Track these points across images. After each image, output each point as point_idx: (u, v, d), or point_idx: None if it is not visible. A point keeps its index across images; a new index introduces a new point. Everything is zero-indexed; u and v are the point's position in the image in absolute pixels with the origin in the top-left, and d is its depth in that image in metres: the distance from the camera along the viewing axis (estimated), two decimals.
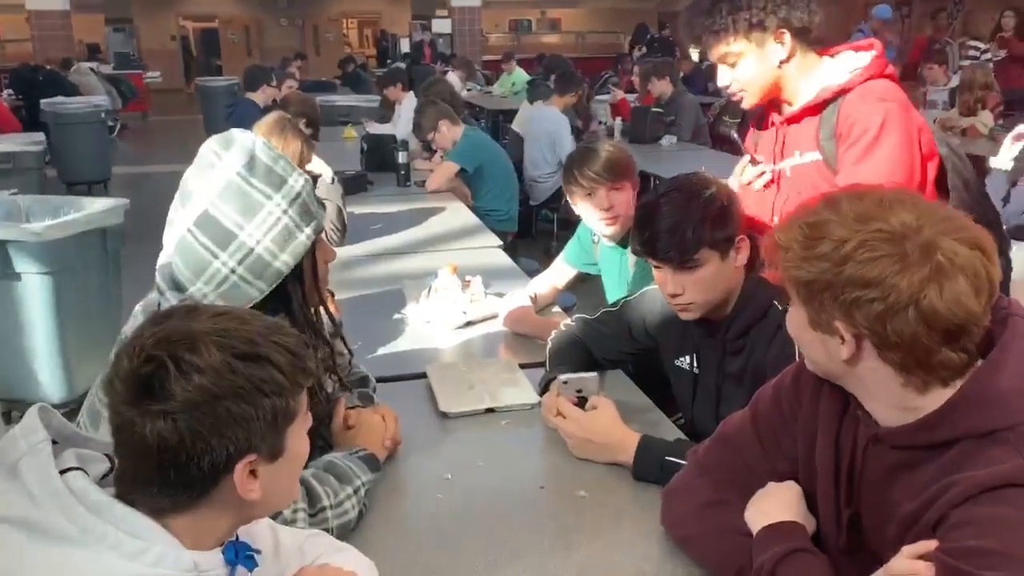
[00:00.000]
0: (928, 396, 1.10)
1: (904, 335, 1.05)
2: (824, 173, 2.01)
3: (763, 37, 1.99)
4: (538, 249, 6.33)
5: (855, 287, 1.07)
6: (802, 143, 2.05)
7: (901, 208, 1.09)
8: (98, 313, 3.75)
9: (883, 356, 1.09)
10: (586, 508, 1.55)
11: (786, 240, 1.14)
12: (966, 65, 8.46)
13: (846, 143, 1.96)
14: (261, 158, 1.41)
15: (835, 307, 1.09)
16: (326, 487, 1.42)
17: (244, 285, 1.38)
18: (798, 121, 2.06)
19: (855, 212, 1.10)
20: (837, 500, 1.26)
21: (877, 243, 1.06)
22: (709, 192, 1.78)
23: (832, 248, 1.09)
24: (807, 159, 2.04)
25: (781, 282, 1.19)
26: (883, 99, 1.96)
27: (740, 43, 2.00)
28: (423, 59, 14.02)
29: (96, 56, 16.14)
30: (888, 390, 1.13)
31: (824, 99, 2.00)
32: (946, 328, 1.05)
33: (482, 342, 2.45)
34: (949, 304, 1.03)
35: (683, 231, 1.73)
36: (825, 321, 1.12)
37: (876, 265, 1.05)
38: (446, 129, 4.76)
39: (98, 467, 0.99)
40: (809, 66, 2.07)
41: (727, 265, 1.78)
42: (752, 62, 2.02)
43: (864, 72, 1.98)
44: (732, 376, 1.87)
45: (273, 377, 0.95)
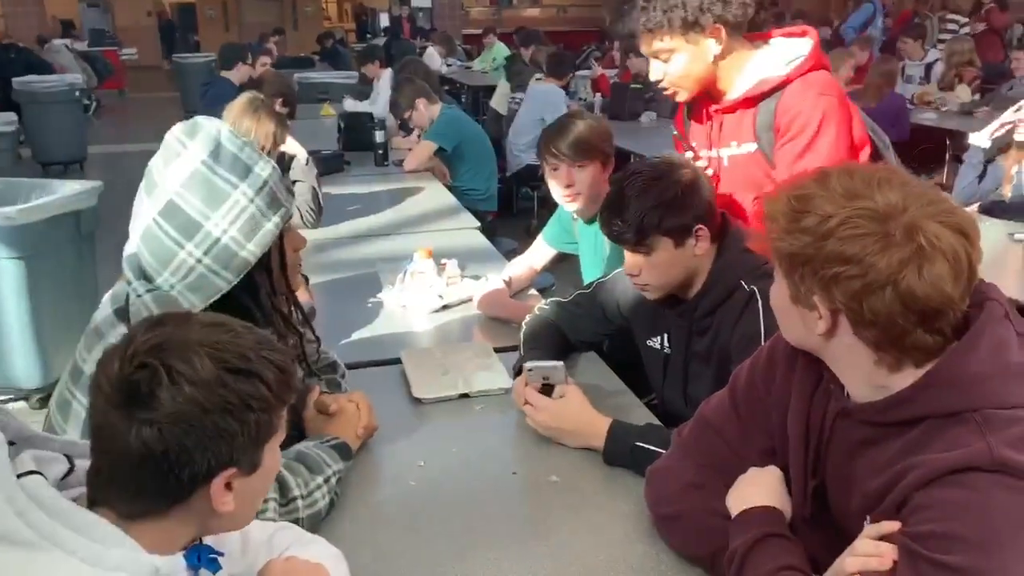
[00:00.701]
0: (899, 375, 1.11)
1: (879, 314, 1.06)
2: (761, 163, 2.03)
3: (698, 35, 1.98)
4: (519, 228, 6.32)
5: (835, 263, 1.07)
6: (739, 134, 2.06)
7: (888, 188, 1.09)
8: (73, 297, 3.71)
9: (858, 333, 1.10)
10: (558, 493, 1.56)
11: (772, 211, 1.14)
12: (946, 39, 8.48)
13: (786, 136, 1.97)
14: (227, 146, 1.39)
15: (814, 281, 1.10)
16: (297, 477, 1.41)
17: (211, 276, 1.37)
18: (733, 111, 2.07)
19: (843, 188, 1.10)
20: (805, 470, 1.28)
21: (861, 220, 1.06)
22: (671, 178, 1.78)
23: (817, 222, 1.09)
24: (744, 150, 2.06)
25: (767, 253, 1.19)
26: (822, 93, 1.98)
27: (675, 40, 2.00)
28: (403, 34, 13.88)
29: (70, 33, 15.88)
30: (861, 367, 1.14)
31: (762, 92, 2.01)
32: (922, 310, 1.05)
33: (458, 326, 2.45)
34: (927, 287, 1.04)
35: (637, 216, 1.75)
36: (804, 295, 1.13)
37: (857, 242, 1.06)
38: (423, 107, 4.72)
39: (57, 468, 0.98)
40: (743, 57, 2.07)
41: (683, 252, 1.79)
42: (685, 58, 2.03)
43: (803, 64, 1.99)
44: (699, 355, 1.89)
45: (261, 393, 0.95)
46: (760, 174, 2.04)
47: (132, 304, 1.35)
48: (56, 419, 1.39)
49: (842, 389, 1.21)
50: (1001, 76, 7.18)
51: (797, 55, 2.03)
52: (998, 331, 1.10)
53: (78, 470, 1.00)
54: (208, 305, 1.37)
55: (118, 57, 15.37)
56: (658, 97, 6.65)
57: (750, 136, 2.04)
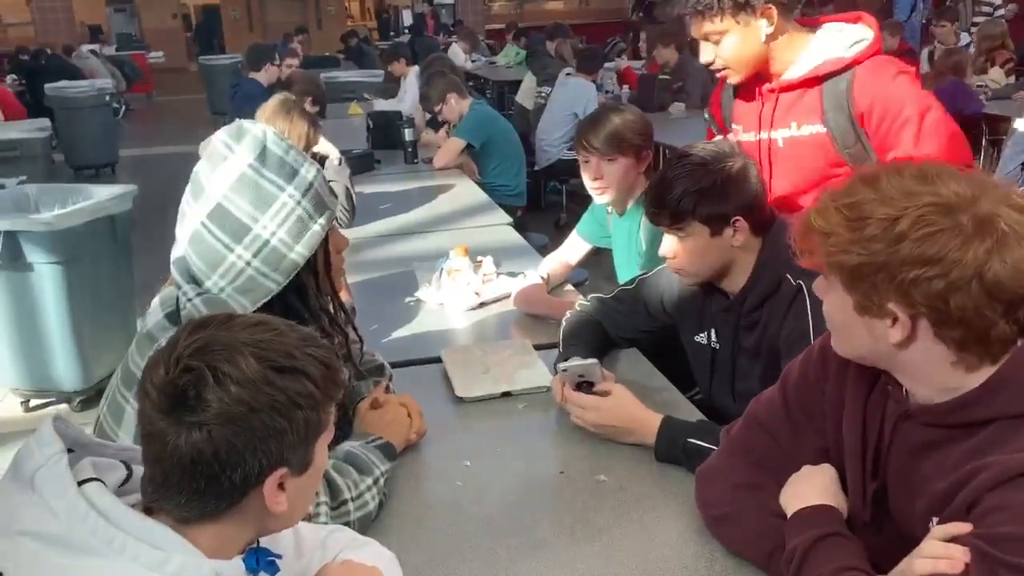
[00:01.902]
0: (976, 375, 1.08)
1: (967, 310, 1.03)
2: (826, 146, 2.00)
3: (749, 16, 1.96)
4: (547, 222, 6.31)
5: (914, 265, 1.03)
6: (801, 114, 2.02)
7: (948, 178, 1.06)
8: (110, 300, 3.76)
9: (940, 334, 1.06)
10: (607, 493, 1.54)
11: (827, 225, 1.10)
12: (980, 22, 8.34)
13: (887, 121, 1.94)
14: (273, 149, 1.39)
15: (890, 288, 1.06)
16: (347, 479, 1.41)
17: (260, 278, 1.37)
18: (793, 91, 2.03)
19: (899, 188, 1.07)
20: (863, 474, 1.25)
21: (933, 216, 1.03)
22: (716, 166, 1.77)
23: (882, 228, 1.05)
24: (806, 131, 2.02)
25: (818, 268, 1.16)
26: (901, 71, 1.96)
27: (726, 22, 1.98)
28: (426, 31, 13.89)
29: (98, 37, 16.09)
30: (937, 370, 1.10)
31: (828, 72, 1.97)
32: (1009, 299, 1.03)
33: (495, 323, 2.44)
34: (1013, 273, 1.01)
35: (675, 199, 1.77)
36: (877, 304, 1.09)
37: (936, 241, 1.02)
38: (454, 102, 4.73)
39: (115, 475, 0.99)
40: (797, 38, 2.04)
41: (719, 241, 1.78)
42: (737, 39, 2.00)
43: (869, 48, 1.97)
44: (747, 350, 1.87)
45: (308, 390, 0.95)
46: (822, 158, 2.00)
47: (183, 308, 1.36)
48: (108, 423, 1.39)
49: (901, 389, 1.18)
50: None
51: (860, 38, 2.00)
52: None
53: (135, 476, 1.01)
54: (257, 308, 1.37)
55: (145, 60, 15.53)
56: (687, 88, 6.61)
57: (816, 117, 2.00)
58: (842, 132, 1.97)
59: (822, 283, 1.19)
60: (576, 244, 2.78)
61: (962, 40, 7.58)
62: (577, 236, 2.79)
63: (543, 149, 6.27)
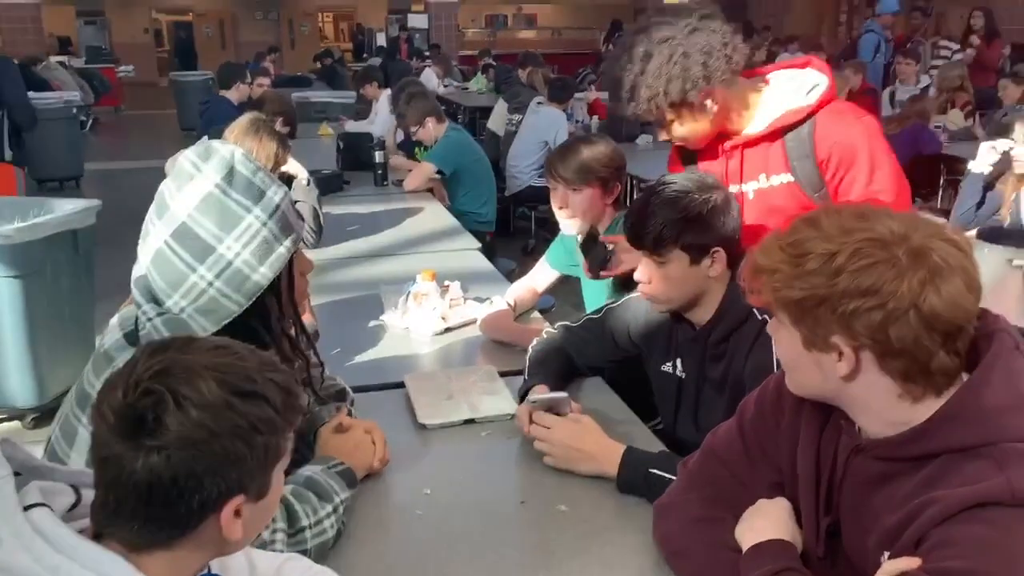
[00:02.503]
0: (920, 407, 1.11)
1: (907, 340, 1.05)
2: (796, 194, 2.02)
3: (691, 107, 1.97)
4: (516, 248, 6.32)
5: (853, 297, 1.06)
6: (768, 166, 2.05)
7: (883, 216, 1.10)
8: (70, 316, 3.69)
9: (884, 366, 1.09)
10: (568, 523, 1.53)
11: (769, 263, 1.13)
12: (939, 64, 8.55)
13: (842, 169, 1.97)
14: (241, 170, 1.38)
15: (832, 321, 1.09)
16: (305, 505, 1.39)
17: (222, 299, 1.35)
18: (756, 145, 2.06)
19: (837, 226, 1.10)
20: (817, 508, 1.26)
21: (869, 250, 1.06)
22: (700, 196, 1.78)
23: (822, 262, 1.08)
24: (775, 182, 2.05)
25: (767, 306, 1.18)
26: (859, 116, 2.00)
27: (669, 115, 2.00)
28: (399, 54, 13.94)
29: (67, 50, 15.92)
30: (883, 403, 1.12)
31: (790, 123, 2.00)
32: (946, 329, 1.05)
33: (461, 348, 2.43)
34: (948, 304, 1.04)
35: (658, 225, 1.77)
36: (822, 338, 1.11)
37: (872, 272, 1.05)
38: (432, 126, 4.74)
39: (63, 500, 0.96)
40: (751, 96, 2.07)
41: (697, 271, 1.79)
42: (687, 123, 2.02)
43: (827, 93, 2.00)
44: (713, 381, 1.88)
45: (268, 416, 0.94)
46: (794, 204, 2.02)
47: (143, 328, 1.34)
48: (60, 446, 1.36)
49: (853, 425, 1.20)
50: (994, 102, 7.23)
51: (815, 84, 2.03)
52: (1011, 363, 1.10)
53: (85, 501, 0.98)
54: (218, 329, 1.35)
55: (115, 74, 15.39)
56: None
57: (782, 167, 2.03)
58: (810, 178, 2.01)
59: (773, 323, 1.22)
60: (544, 271, 2.79)
61: (922, 82, 7.75)
62: (545, 263, 2.79)
63: (513, 176, 6.30)
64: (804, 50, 10.73)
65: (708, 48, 1.91)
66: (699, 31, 1.92)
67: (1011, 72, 7.38)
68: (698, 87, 1.91)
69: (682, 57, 1.90)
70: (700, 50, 1.90)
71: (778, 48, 11.74)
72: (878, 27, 9.18)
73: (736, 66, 1.96)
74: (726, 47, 1.93)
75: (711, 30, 1.93)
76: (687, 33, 1.92)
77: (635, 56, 1.94)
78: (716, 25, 1.95)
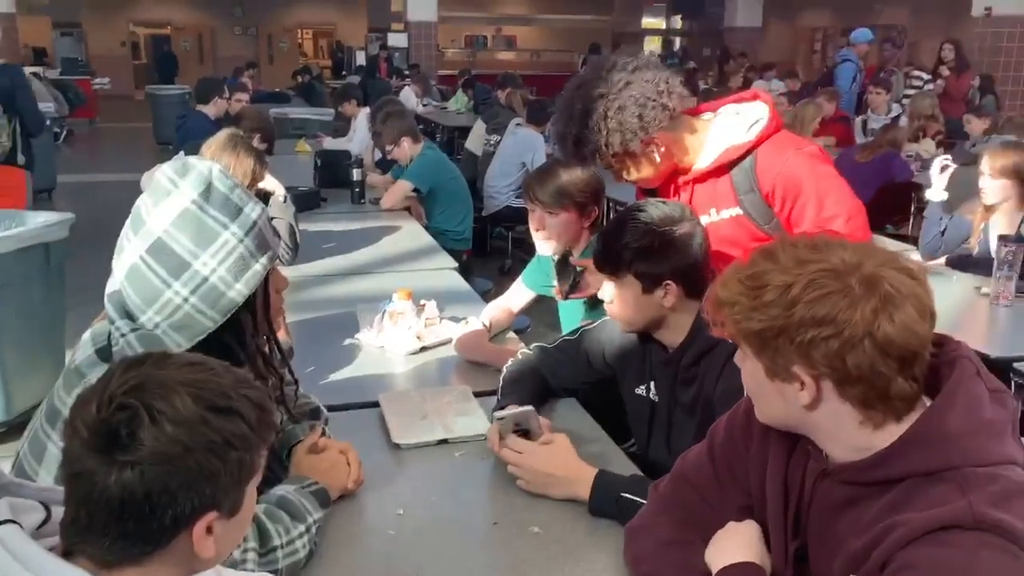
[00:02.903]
0: (882, 433, 1.12)
1: (863, 368, 1.07)
2: (746, 225, 2.07)
3: (633, 156, 2.03)
4: (492, 267, 6.33)
5: (809, 327, 1.08)
6: (717, 200, 2.10)
7: (837, 247, 1.13)
8: (40, 331, 3.64)
9: (843, 394, 1.11)
10: (540, 545, 1.53)
11: (729, 296, 1.16)
12: (912, 94, 8.70)
13: (789, 201, 2.02)
14: (218, 187, 1.38)
15: (791, 351, 1.11)
16: (278, 525, 1.38)
17: (197, 315, 1.35)
18: (704, 181, 2.10)
19: (792, 258, 1.13)
20: (785, 532, 1.27)
21: (823, 280, 1.09)
22: (661, 228, 1.81)
23: (778, 294, 1.11)
24: (724, 215, 2.10)
25: (730, 338, 1.20)
26: (799, 148, 2.05)
27: (615, 164, 2.06)
28: (379, 73, 13.96)
29: (42, 61, 15.78)
30: (846, 430, 1.14)
31: (731, 159, 2.05)
32: (901, 356, 1.07)
33: (437, 367, 2.43)
34: (902, 331, 1.06)
35: (615, 247, 1.83)
36: (783, 367, 1.13)
37: (826, 302, 1.08)
38: (407, 145, 4.75)
39: (33, 516, 0.95)
40: (698, 133, 2.12)
41: (650, 299, 1.82)
42: (633, 168, 2.08)
43: (767, 128, 2.05)
44: (684, 405, 1.89)
45: (243, 432, 0.94)
46: (744, 235, 2.07)
47: (116, 343, 1.33)
48: (28, 462, 1.34)
49: (820, 450, 1.21)
50: (961, 132, 7.37)
51: (757, 119, 2.08)
52: (972, 388, 1.13)
53: (54, 518, 0.97)
54: (192, 345, 1.34)
55: (91, 86, 15.27)
56: None
57: (731, 201, 2.08)
58: (758, 211, 2.06)
59: (739, 354, 1.24)
60: (520, 291, 2.80)
61: (893, 111, 7.88)
62: (522, 284, 2.80)
63: (491, 196, 6.32)
64: (781, 77, 10.89)
65: (643, 100, 1.97)
66: (632, 84, 1.98)
67: (975, 107, 7.52)
68: (637, 137, 1.98)
69: (618, 111, 1.97)
70: (635, 103, 1.97)
71: (754, 75, 11.90)
72: (854, 56, 9.34)
73: (674, 111, 2.02)
74: (661, 95, 1.99)
75: (644, 80, 1.99)
76: (620, 88, 1.98)
77: (574, 114, 2.01)
78: (650, 75, 2.01)
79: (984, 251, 3.60)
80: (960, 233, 3.78)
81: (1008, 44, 10.01)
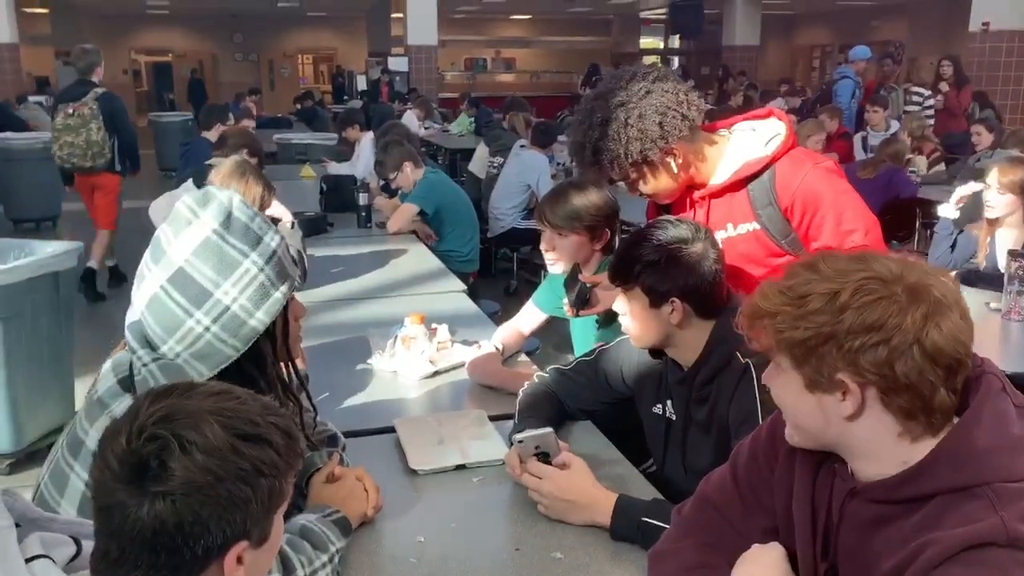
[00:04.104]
0: (918, 446, 1.11)
1: (911, 376, 1.06)
2: (763, 240, 2.07)
3: (652, 165, 2.03)
4: (498, 289, 6.34)
5: (858, 333, 1.07)
6: (734, 215, 2.10)
7: (876, 258, 1.13)
8: (49, 360, 3.64)
9: (887, 404, 1.10)
10: (563, 571, 1.52)
11: (771, 306, 1.14)
12: (912, 110, 8.75)
13: (808, 215, 2.02)
14: (238, 216, 1.39)
15: (838, 358, 1.09)
16: (300, 555, 1.37)
17: (219, 344, 1.35)
18: (721, 196, 2.11)
19: (834, 268, 1.12)
20: (815, 554, 1.25)
21: (871, 287, 1.08)
22: (672, 246, 1.80)
23: (825, 301, 1.09)
24: (741, 230, 2.10)
25: (767, 351, 1.19)
26: (817, 163, 2.06)
27: (634, 173, 2.06)
28: (380, 97, 14.04)
29: (45, 89, 15.86)
30: (884, 443, 1.13)
31: (749, 174, 2.05)
32: (948, 364, 1.07)
33: (450, 391, 2.42)
34: (949, 339, 1.06)
35: (627, 262, 1.84)
36: (827, 377, 1.12)
37: (876, 308, 1.07)
38: (409, 171, 4.76)
39: (64, 551, 0.95)
40: (714, 148, 2.12)
41: (658, 314, 1.82)
42: (650, 181, 2.08)
43: (785, 143, 2.06)
44: (699, 424, 1.88)
45: (272, 459, 0.94)
46: (761, 251, 2.07)
47: (138, 373, 1.33)
48: (50, 492, 1.34)
49: (846, 469, 1.20)
50: (964, 147, 7.41)
51: (774, 134, 2.09)
52: (999, 404, 1.12)
53: (85, 552, 0.97)
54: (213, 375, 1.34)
55: None
56: None
57: (748, 216, 2.08)
58: (776, 226, 2.06)
59: (771, 370, 1.22)
60: (532, 313, 2.80)
61: (892, 127, 7.91)
62: (533, 305, 2.80)
63: (496, 217, 6.33)
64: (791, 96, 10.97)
65: (663, 109, 1.98)
66: (652, 93, 1.99)
67: (981, 118, 7.56)
68: (657, 146, 1.98)
69: (638, 119, 1.97)
70: (655, 111, 1.97)
71: (753, 93, 11.95)
72: (852, 73, 9.39)
73: (693, 123, 2.03)
74: (681, 105, 2.00)
75: (664, 91, 2.00)
76: (641, 96, 1.98)
77: (594, 121, 2.01)
78: (669, 86, 2.01)
79: (992, 266, 3.60)
80: (969, 249, 3.79)
81: (1007, 59, 10.06)
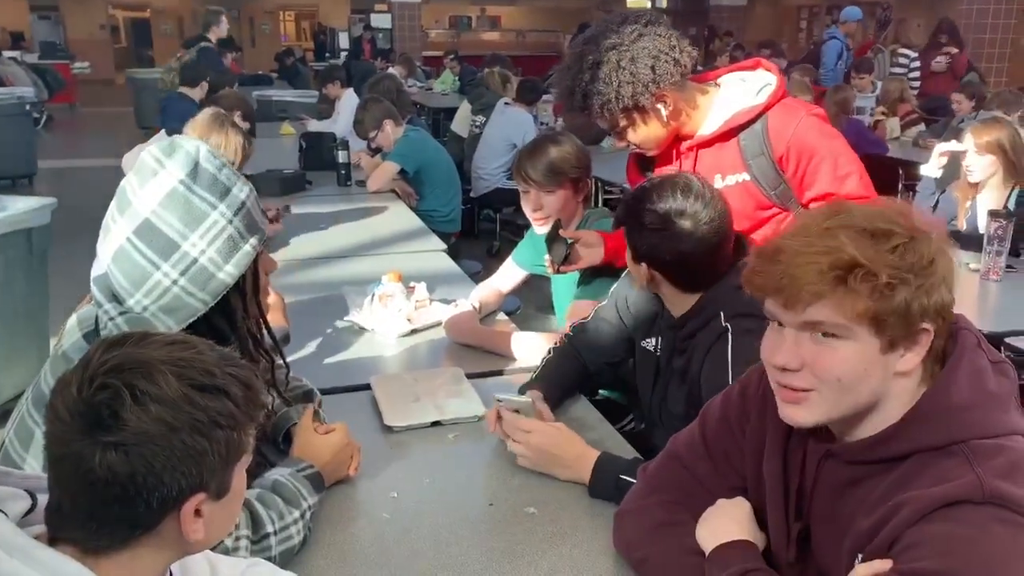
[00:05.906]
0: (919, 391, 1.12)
1: (948, 316, 1.09)
2: (752, 192, 2.06)
3: (643, 111, 2.00)
4: (480, 248, 6.31)
5: (928, 275, 1.06)
6: (723, 166, 2.07)
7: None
8: (23, 317, 3.60)
9: (934, 346, 1.10)
10: (536, 526, 1.52)
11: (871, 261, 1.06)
12: (898, 72, 8.72)
13: (803, 162, 2.01)
14: (205, 166, 1.35)
15: (926, 306, 1.07)
16: (271, 511, 1.36)
17: (187, 297, 1.32)
18: (710, 146, 2.08)
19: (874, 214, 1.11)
20: (787, 514, 1.26)
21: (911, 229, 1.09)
22: (653, 206, 1.78)
23: (913, 255, 1.06)
24: (730, 182, 2.07)
25: (853, 321, 1.08)
26: (810, 112, 2.05)
27: (623, 120, 2.02)
28: (363, 55, 13.84)
29: (20, 45, 15.57)
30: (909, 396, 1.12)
31: (741, 123, 2.03)
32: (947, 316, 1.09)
33: (427, 349, 2.41)
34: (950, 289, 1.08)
35: (621, 211, 1.87)
36: (913, 330, 1.08)
37: (919, 248, 1.07)
38: (389, 129, 4.69)
39: (18, 504, 0.93)
40: (703, 99, 2.09)
41: (638, 269, 1.84)
42: (639, 129, 2.05)
43: (776, 92, 2.04)
44: (676, 372, 1.89)
45: (229, 410, 0.91)
46: (750, 204, 2.05)
47: (104, 327, 1.30)
48: (15, 448, 1.31)
49: (823, 430, 1.19)
50: (943, 109, 7.39)
51: (765, 83, 2.07)
52: (975, 360, 1.12)
53: (40, 505, 0.95)
54: (182, 328, 1.31)
55: (69, 70, 15.07)
56: None
57: (738, 167, 2.05)
58: (766, 177, 2.04)
59: (829, 345, 1.10)
60: (511, 271, 2.78)
61: (879, 89, 7.89)
62: (513, 263, 2.78)
63: (480, 178, 6.27)
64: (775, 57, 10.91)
65: (656, 52, 1.95)
66: (645, 36, 1.96)
67: (965, 82, 7.55)
68: (648, 91, 1.95)
69: (630, 62, 1.93)
70: (648, 55, 1.94)
71: (740, 54, 11.86)
72: (840, 34, 9.33)
73: (685, 69, 2.00)
74: (673, 50, 1.97)
75: (657, 35, 1.97)
76: (633, 39, 1.95)
77: (584, 65, 1.97)
78: (662, 30, 1.98)
79: (971, 228, 3.60)
80: (951, 211, 3.79)
81: (994, 21, 10.02)
